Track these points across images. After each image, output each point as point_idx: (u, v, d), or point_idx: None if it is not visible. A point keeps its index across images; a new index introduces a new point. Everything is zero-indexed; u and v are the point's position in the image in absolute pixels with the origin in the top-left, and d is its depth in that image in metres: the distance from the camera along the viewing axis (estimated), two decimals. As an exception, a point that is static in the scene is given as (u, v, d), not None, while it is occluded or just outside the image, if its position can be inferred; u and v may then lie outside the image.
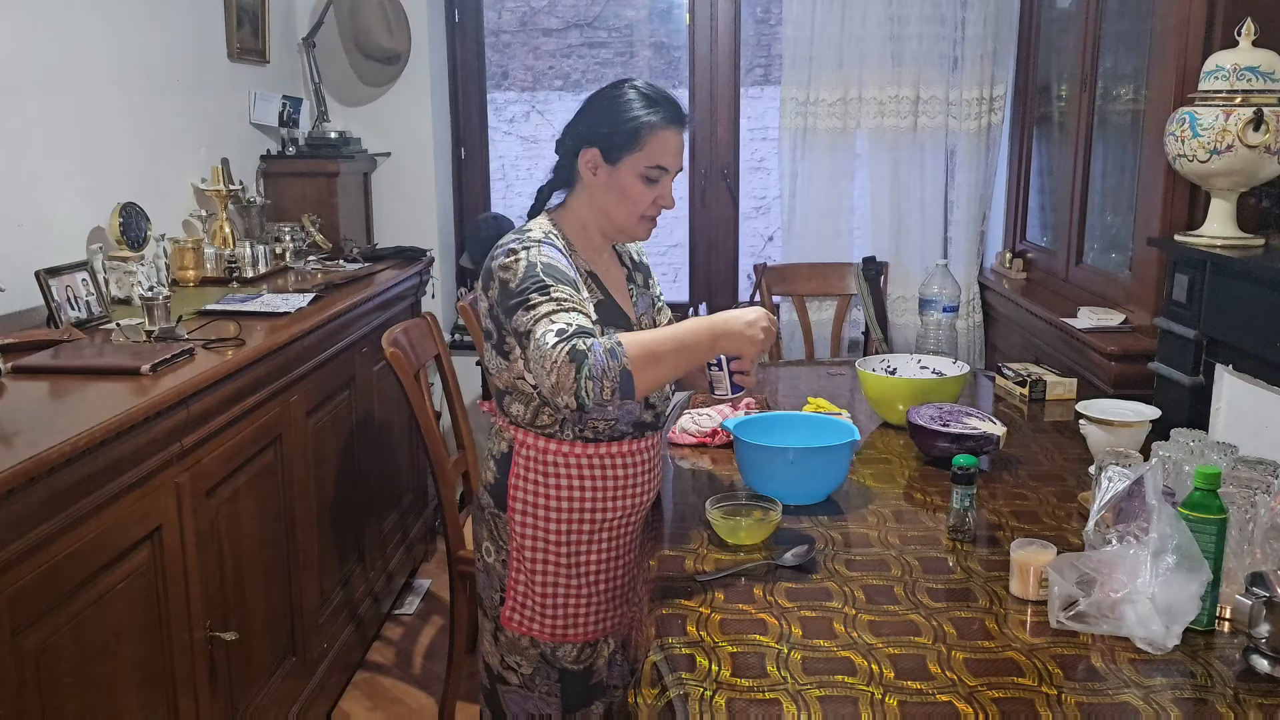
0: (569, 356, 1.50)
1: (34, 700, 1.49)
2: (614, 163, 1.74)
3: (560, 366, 1.51)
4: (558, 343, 1.52)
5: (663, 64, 4.25)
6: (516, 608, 1.84)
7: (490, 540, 1.86)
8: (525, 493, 1.79)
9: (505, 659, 1.87)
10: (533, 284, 1.62)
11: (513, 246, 1.69)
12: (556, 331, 1.54)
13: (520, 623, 1.84)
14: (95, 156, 2.56)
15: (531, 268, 1.64)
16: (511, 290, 1.64)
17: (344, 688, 2.79)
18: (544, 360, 1.53)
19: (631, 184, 1.74)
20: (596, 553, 1.83)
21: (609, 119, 1.73)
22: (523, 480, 1.79)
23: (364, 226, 3.75)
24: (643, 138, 1.72)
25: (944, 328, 3.12)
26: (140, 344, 2.09)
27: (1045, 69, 3.58)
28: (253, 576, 2.20)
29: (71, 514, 1.56)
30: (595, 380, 1.50)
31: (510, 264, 1.66)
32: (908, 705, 1.26)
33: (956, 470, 1.74)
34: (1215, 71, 2.21)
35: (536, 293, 1.61)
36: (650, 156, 1.73)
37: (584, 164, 1.76)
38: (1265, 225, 2.36)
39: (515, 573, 1.83)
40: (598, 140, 1.74)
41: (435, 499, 3.48)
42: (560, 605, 1.82)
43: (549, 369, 1.52)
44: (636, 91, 1.75)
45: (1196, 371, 2.24)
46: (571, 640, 1.84)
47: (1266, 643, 1.33)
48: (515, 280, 1.64)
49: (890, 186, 3.75)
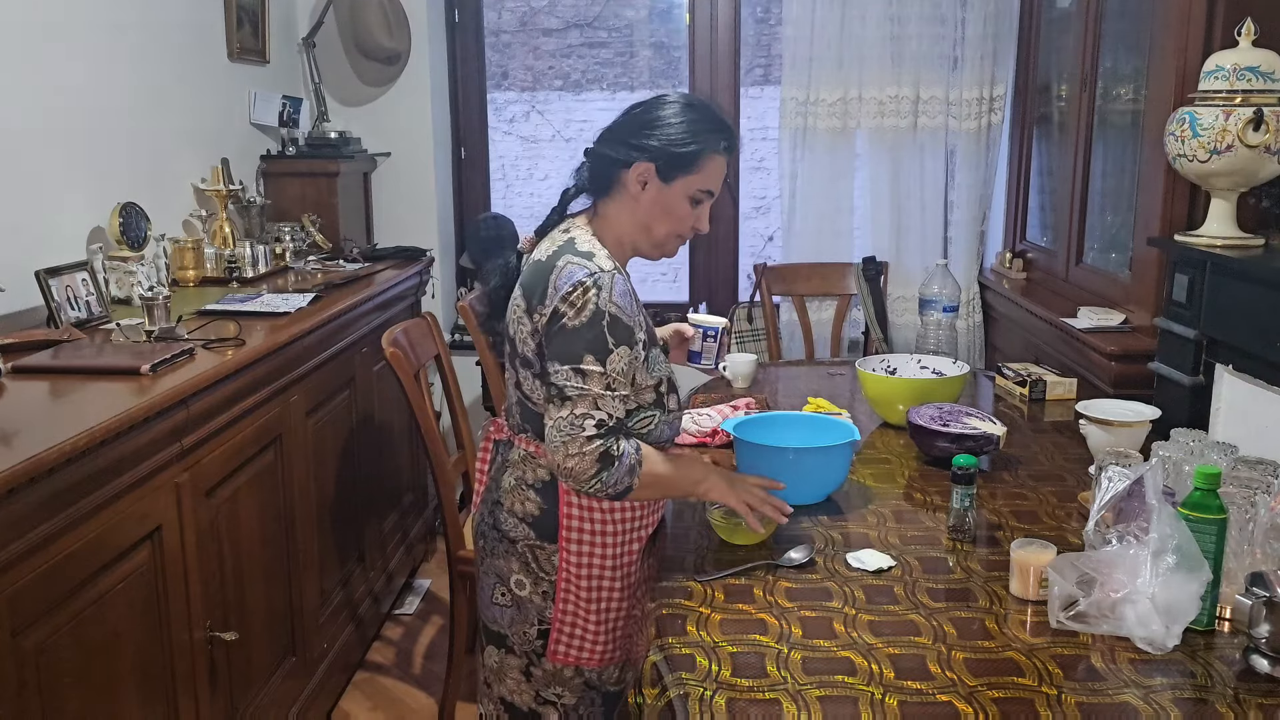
0: (599, 458, 1.57)
1: (34, 700, 1.49)
2: (668, 181, 1.68)
3: (586, 459, 1.57)
4: (594, 436, 1.57)
5: (663, 64, 4.25)
6: (563, 639, 1.74)
7: (524, 573, 1.74)
8: (581, 520, 1.70)
9: (542, 693, 1.77)
10: (594, 344, 1.57)
11: (582, 280, 1.58)
12: (598, 423, 1.57)
13: (567, 653, 1.75)
14: (95, 156, 2.56)
15: (597, 319, 1.57)
16: (568, 335, 1.58)
17: (344, 688, 2.79)
18: (571, 443, 1.57)
19: (679, 204, 1.70)
20: (637, 569, 1.77)
21: (672, 137, 1.67)
22: (577, 509, 1.70)
23: (364, 226, 3.75)
24: (701, 161, 1.68)
25: (944, 328, 3.12)
26: (140, 344, 2.09)
27: (1045, 69, 3.58)
28: (253, 576, 2.20)
29: (71, 514, 1.56)
30: (604, 486, 1.60)
31: (577, 302, 1.58)
32: (908, 705, 1.26)
33: (956, 470, 1.75)
34: (1215, 71, 2.21)
35: (594, 359, 1.57)
36: (704, 180, 1.69)
37: (635, 176, 1.69)
38: (1265, 225, 2.36)
39: (564, 604, 1.72)
40: (656, 156, 1.67)
41: (435, 499, 3.48)
42: (605, 628, 1.74)
43: (573, 453, 1.57)
44: (698, 112, 1.70)
45: (1196, 371, 2.24)
46: (615, 661, 1.77)
47: (1266, 643, 1.33)
48: (576, 325, 1.57)
49: (890, 186, 3.75)
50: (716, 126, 1.70)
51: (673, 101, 1.71)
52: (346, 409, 2.80)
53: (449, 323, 3.94)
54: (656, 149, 1.67)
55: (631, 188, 1.69)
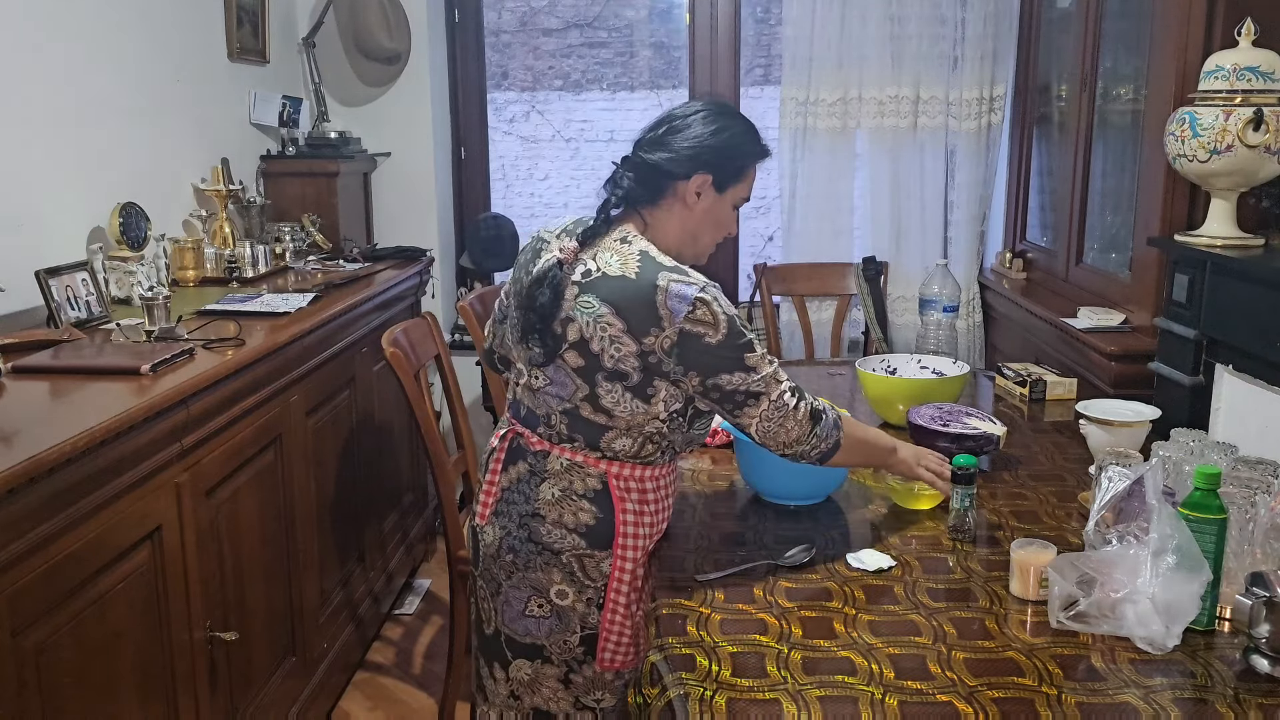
0: (810, 416, 1.67)
1: (34, 700, 1.49)
2: (721, 191, 1.73)
3: (802, 422, 1.67)
4: (798, 402, 1.67)
5: (663, 64, 4.25)
6: (609, 644, 1.73)
7: (567, 583, 1.71)
8: (632, 526, 1.71)
9: (581, 699, 1.77)
10: (744, 344, 1.63)
11: (699, 297, 1.60)
12: (791, 390, 1.66)
13: (612, 658, 1.75)
14: (95, 157, 2.56)
15: (733, 324, 1.62)
16: (717, 348, 1.60)
17: (344, 688, 2.79)
18: (786, 418, 1.66)
19: (727, 213, 1.77)
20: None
21: (729, 149, 1.71)
22: (630, 514, 1.71)
23: (364, 226, 3.75)
24: (747, 171, 1.76)
25: (944, 328, 3.12)
26: (140, 344, 2.09)
27: (1045, 69, 3.58)
28: (253, 576, 2.20)
29: (71, 514, 1.56)
30: (819, 439, 1.69)
31: (706, 318, 1.60)
32: (908, 705, 1.26)
33: (956, 470, 1.75)
34: (1215, 71, 2.21)
35: (748, 352, 1.63)
36: (746, 188, 1.77)
37: (692, 187, 1.70)
38: (1265, 225, 2.36)
39: (613, 610, 1.72)
40: (714, 168, 1.71)
41: (435, 499, 3.48)
42: (640, 627, 1.75)
43: (792, 425, 1.66)
44: (743, 122, 1.76)
45: (1196, 371, 2.25)
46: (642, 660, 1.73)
47: (1266, 643, 1.33)
48: (721, 339, 1.60)
49: (890, 186, 3.75)
50: (757, 135, 1.78)
51: (717, 113, 1.75)
52: (346, 409, 2.80)
53: (449, 323, 3.94)
54: (713, 161, 1.71)
55: (688, 199, 1.72)
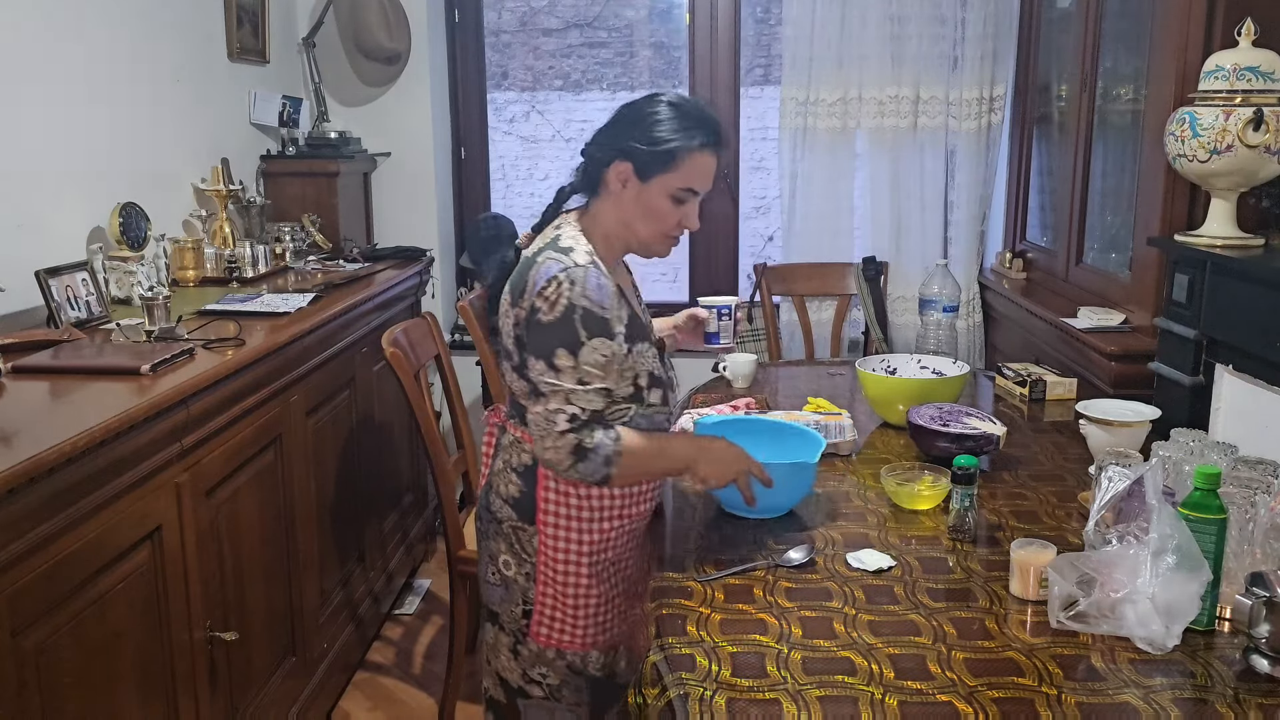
0: (572, 450, 1.62)
1: (34, 700, 1.49)
2: (645, 180, 1.70)
3: (561, 450, 1.62)
4: (567, 430, 1.61)
5: (663, 64, 4.25)
6: (544, 621, 1.78)
7: (510, 554, 1.79)
8: (556, 505, 1.74)
9: (528, 672, 1.82)
10: (566, 339, 1.59)
11: (556, 275, 1.61)
12: (569, 417, 1.61)
13: (549, 635, 1.79)
14: (95, 156, 2.56)
15: (569, 313, 1.59)
16: (543, 329, 1.61)
17: (344, 688, 2.79)
18: (547, 436, 1.62)
19: (660, 203, 1.71)
20: (621, 558, 1.80)
21: (647, 136, 1.68)
22: (554, 494, 1.73)
23: (364, 226, 3.75)
24: (678, 160, 1.68)
25: (944, 328, 3.12)
26: (140, 344, 2.09)
27: (1045, 69, 3.57)
28: (253, 576, 2.20)
29: (71, 514, 1.56)
30: (582, 476, 1.64)
31: (551, 297, 1.61)
32: (908, 705, 1.26)
33: (956, 470, 1.75)
34: (1215, 71, 2.21)
35: (566, 352, 1.60)
36: (683, 179, 1.70)
37: (614, 175, 1.71)
38: (1265, 225, 2.36)
39: (544, 585, 1.77)
40: (633, 155, 1.69)
41: (435, 499, 3.48)
42: (591, 613, 1.77)
43: (549, 445, 1.62)
44: (677, 109, 1.70)
45: (1196, 371, 2.24)
46: (599, 647, 1.80)
47: (1266, 643, 1.33)
48: (549, 321, 1.60)
49: (890, 186, 3.75)
50: (695, 124, 1.69)
51: (656, 100, 1.73)
52: (346, 409, 2.80)
53: (449, 323, 3.94)
54: (633, 148, 1.69)
55: (613, 186, 1.72)
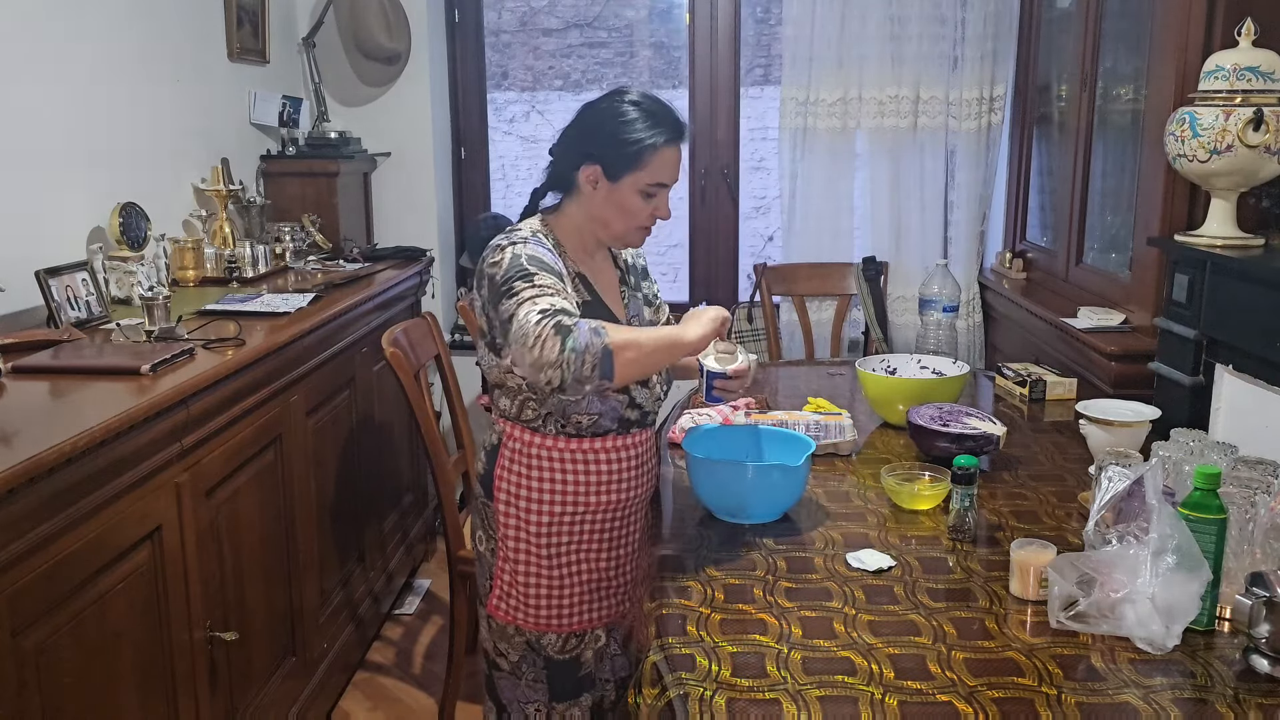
0: (554, 329, 1.52)
1: (34, 700, 1.49)
2: (615, 180, 1.76)
3: (545, 340, 1.52)
4: (542, 319, 1.54)
5: (663, 64, 4.25)
6: (503, 596, 1.88)
7: (482, 529, 1.91)
8: (509, 484, 1.83)
9: (497, 645, 1.92)
10: (517, 273, 1.65)
11: (499, 243, 1.73)
12: (540, 310, 1.56)
13: (506, 611, 1.88)
14: (95, 157, 2.56)
15: (516, 259, 1.68)
16: (497, 281, 1.68)
17: (344, 688, 2.79)
18: (527, 336, 1.53)
19: (631, 200, 1.77)
20: (579, 547, 1.85)
21: (612, 138, 1.74)
22: (507, 472, 1.83)
23: (364, 226, 3.75)
24: (645, 158, 1.74)
25: (944, 328, 3.12)
26: (140, 344, 2.09)
27: (1045, 69, 3.57)
28: (253, 576, 2.20)
29: (71, 514, 1.56)
30: (579, 354, 1.52)
31: (497, 259, 1.70)
32: (908, 705, 1.26)
33: (956, 470, 1.75)
34: (1215, 71, 2.21)
35: (520, 280, 1.64)
36: (652, 175, 1.76)
37: (584, 178, 1.78)
38: (1265, 225, 2.36)
39: (502, 562, 1.87)
40: (601, 158, 1.75)
41: (435, 499, 3.47)
42: (543, 596, 1.85)
43: (533, 343, 1.52)
44: (639, 108, 1.75)
45: (1196, 371, 2.24)
46: (555, 630, 1.87)
47: (1266, 643, 1.33)
48: (500, 272, 1.68)
49: (890, 186, 3.75)
50: (656, 121, 1.75)
51: (618, 100, 1.78)
52: (346, 409, 2.80)
53: (449, 323, 3.94)
54: (601, 151, 1.75)
55: (584, 188, 1.79)
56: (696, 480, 1.88)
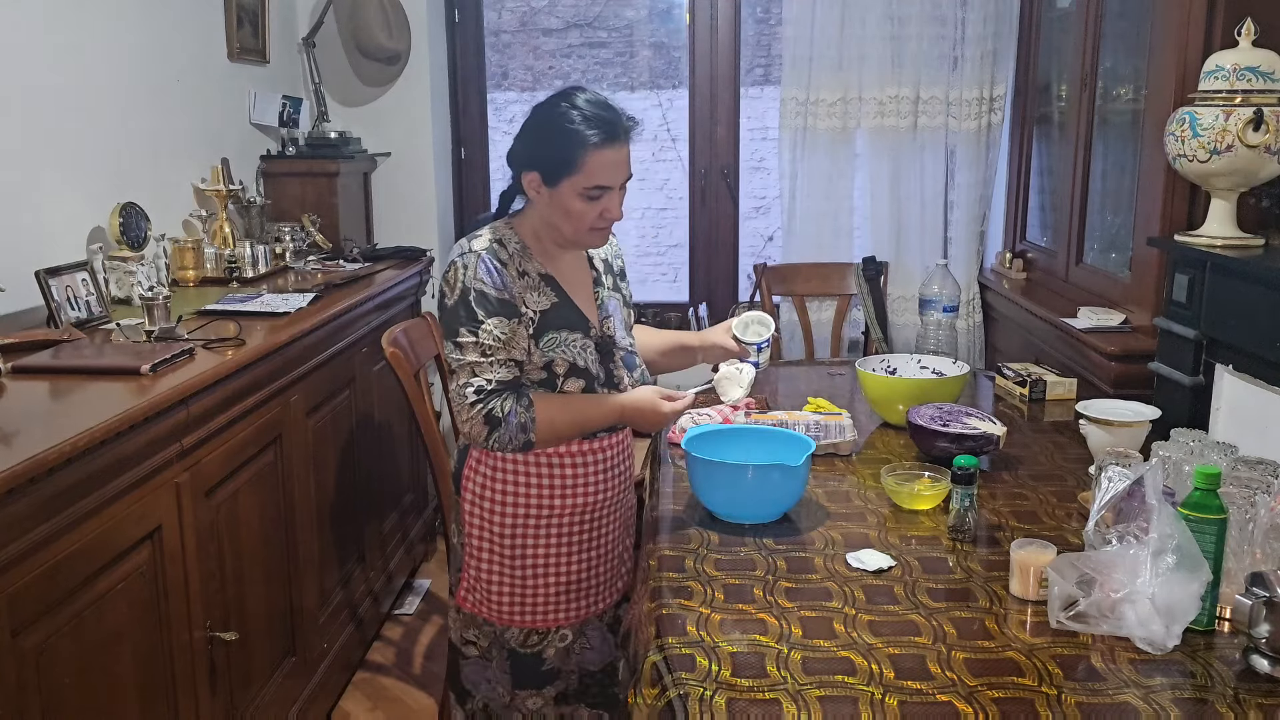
0: (484, 419, 1.71)
1: (34, 700, 1.49)
2: (553, 185, 1.75)
3: (475, 422, 1.72)
4: (476, 401, 1.71)
5: (663, 64, 4.25)
6: (470, 588, 1.92)
7: (456, 521, 1.95)
8: (475, 484, 1.87)
9: (463, 634, 1.95)
10: (464, 317, 1.71)
11: (454, 260, 1.77)
12: (476, 390, 1.71)
13: (472, 603, 1.92)
14: (95, 156, 2.56)
15: (465, 295, 1.72)
16: (446, 313, 1.75)
17: (344, 688, 2.79)
18: (461, 410, 1.73)
19: (573, 203, 1.75)
20: (546, 547, 1.87)
21: (546, 143, 1.74)
22: (474, 472, 1.87)
23: (364, 226, 3.75)
24: (580, 161, 1.71)
25: (944, 328, 3.12)
26: (140, 344, 2.09)
27: (1045, 69, 3.58)
28: (253, 576, 2.20)
29: (71, 514, 1.56)
30: (501, 445, 1.75)
31: (451, 280, 1.75)
32: (908, 705, 1.26)
33: (956, 470, 1.75)
34: (1215, 71, 2.21)
35: (467, 329, 1.71)
36: (589, 178, 1.73)
37: (527, 185, 1.79)
38: (1265, 225, 2.36)
39: (468, 554, 1.91)
40: (537, 164, 1.75)
41: (435, 499, 3.47)
42: (506, 592, 1.88)
43: (465, 419, 1.73)
44: (576, 111, 1.72)
45: (1196, 371, 2.24)
46: (521, 626, 1.89)
47: (1266, 643, 1.33)
48: (450, 303, 1.74)
49: (890, 186, 3.75)
50: (590, 123, 1.71)
51: (555, 104, 1.76)
52: (346, 409, 2.80)
53: (449, 323, 3.94)
54: (537, 157, 1.76)
55: (530, 194, 1.81)
56: (696, 480, 1.88)
